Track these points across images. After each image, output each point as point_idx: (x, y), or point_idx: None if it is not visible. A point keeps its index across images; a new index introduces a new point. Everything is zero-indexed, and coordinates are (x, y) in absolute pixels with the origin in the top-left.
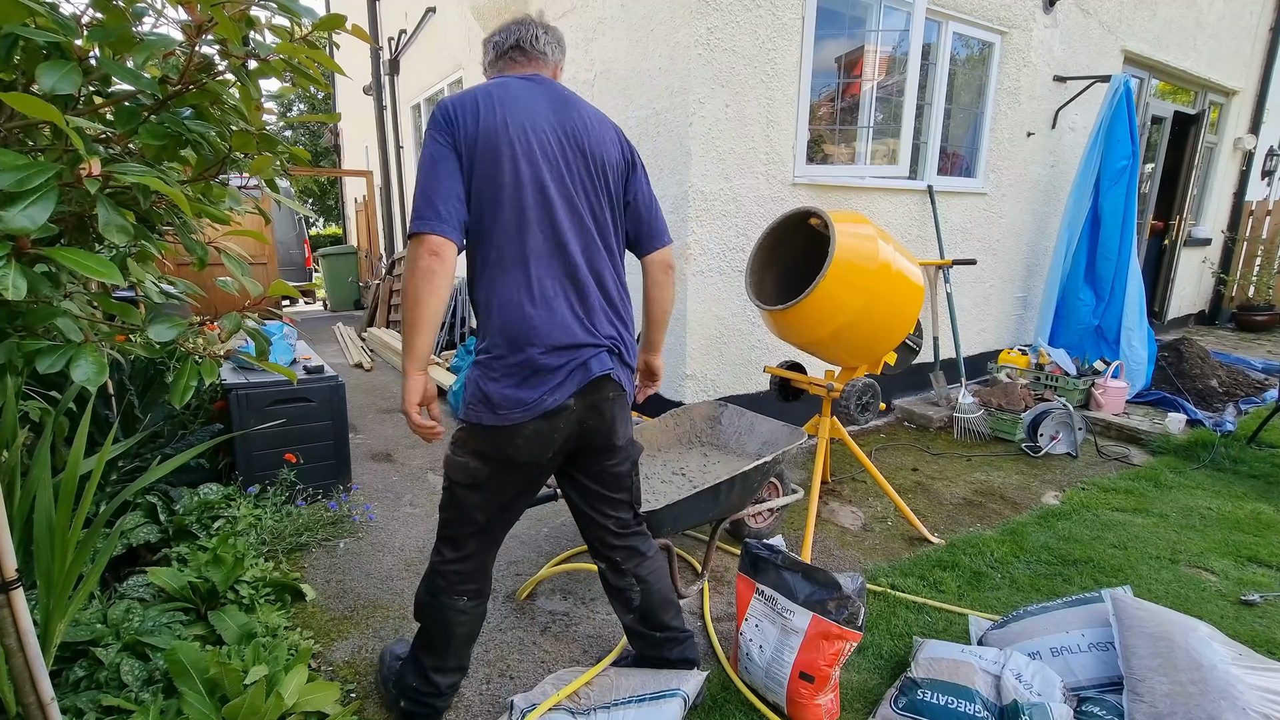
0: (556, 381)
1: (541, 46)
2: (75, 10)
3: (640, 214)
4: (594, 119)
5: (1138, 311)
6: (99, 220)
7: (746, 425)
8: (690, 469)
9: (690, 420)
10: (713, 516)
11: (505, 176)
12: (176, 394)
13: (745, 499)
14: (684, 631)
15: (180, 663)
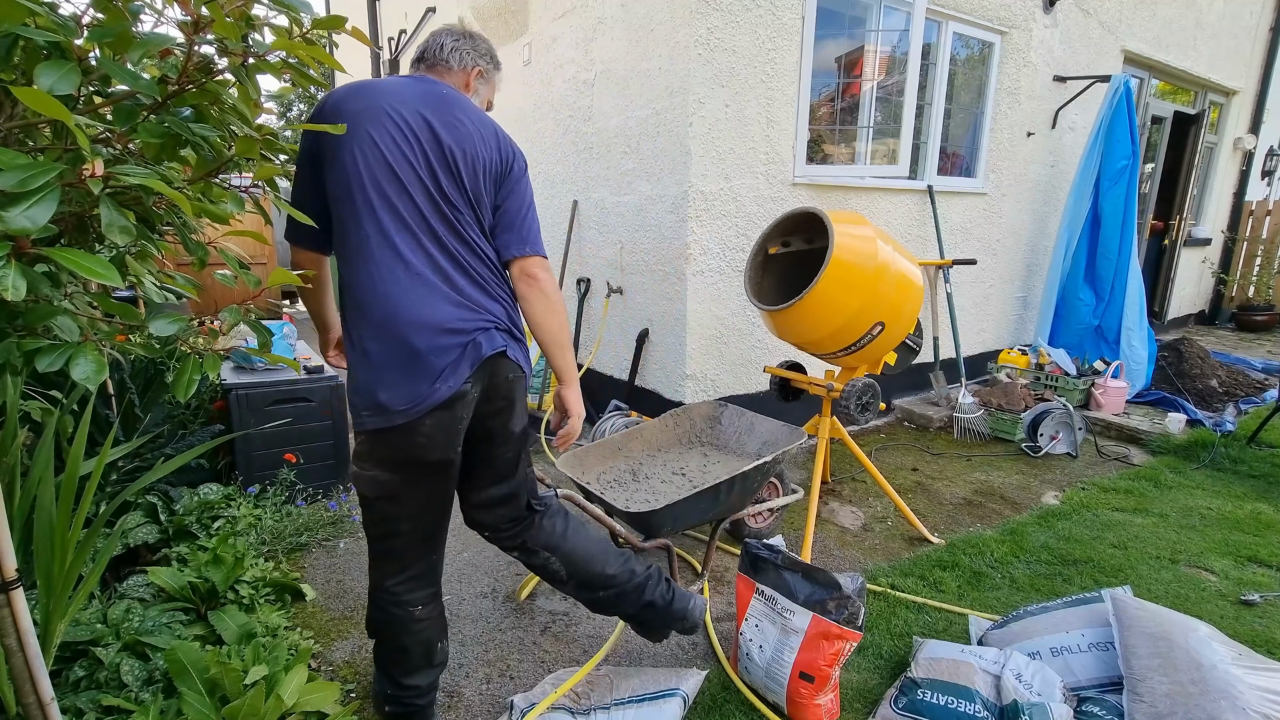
0: (445, 364)
1: (444, 55)
2: (75, 10)
3: (507, 219)
4: (471, 118)
5: (1138, 311)
6: (102, 221)
7: (746, 425)
8: (690, 469)
9: (690, 420)
10: (712, 517)
11: (346, 166)
12: (179, 388)
13: (745, 499)
14: (634, 576)
15: (180, 663)
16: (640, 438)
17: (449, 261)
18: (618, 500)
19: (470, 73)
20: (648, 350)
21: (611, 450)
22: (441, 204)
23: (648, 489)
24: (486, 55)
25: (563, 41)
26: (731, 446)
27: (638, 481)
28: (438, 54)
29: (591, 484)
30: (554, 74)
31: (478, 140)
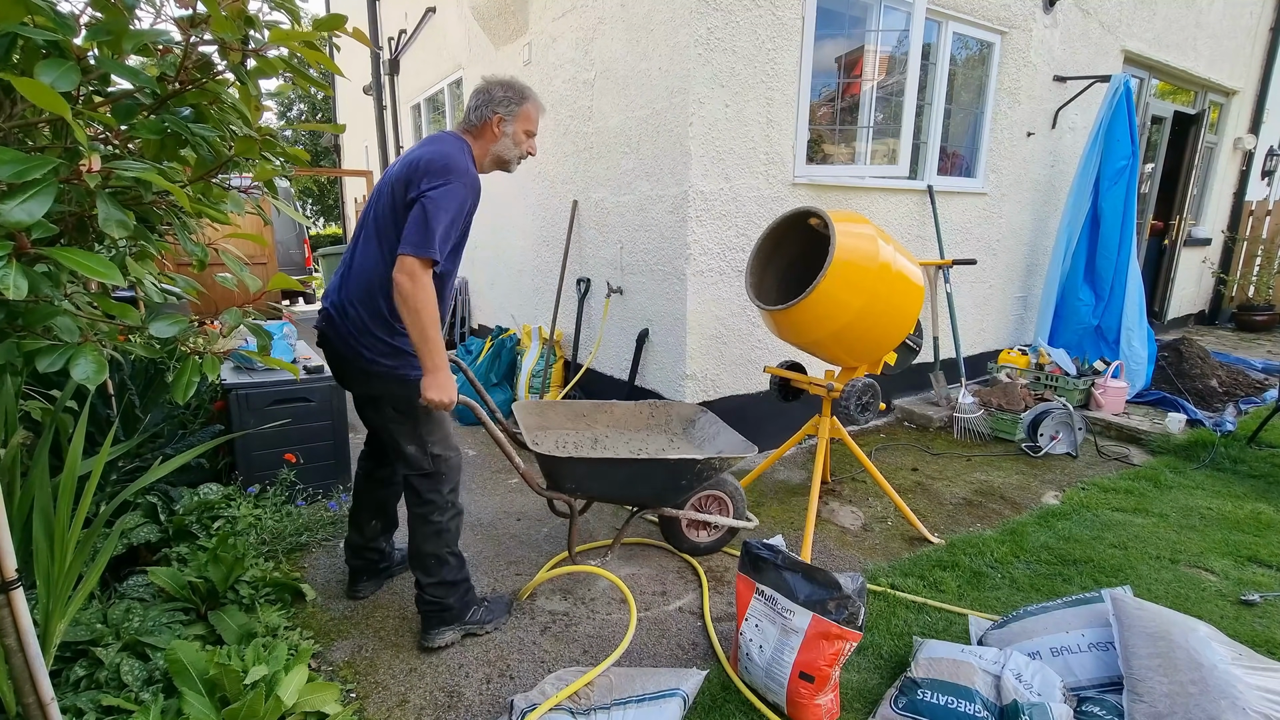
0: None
1: (471, 118)
2: (74, 9)
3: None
4: (407, 155)
5: (1137, 311)
6: (99, 216)
7: (713, 432)
8: (647, 449)
9: (668, 414)
10: (629, 498)
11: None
12: (179, 390)
13: (669, 494)
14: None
15: (180, 662)
16: (610, 413)
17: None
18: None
19: (491, 123)
20: (648, 350)
21: (576, 415)
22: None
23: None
24: (502, 100)
25: (563, 41)
26: (695, 447)
27: (594, 448)
28: (468, 118)
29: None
30: (554, 74)
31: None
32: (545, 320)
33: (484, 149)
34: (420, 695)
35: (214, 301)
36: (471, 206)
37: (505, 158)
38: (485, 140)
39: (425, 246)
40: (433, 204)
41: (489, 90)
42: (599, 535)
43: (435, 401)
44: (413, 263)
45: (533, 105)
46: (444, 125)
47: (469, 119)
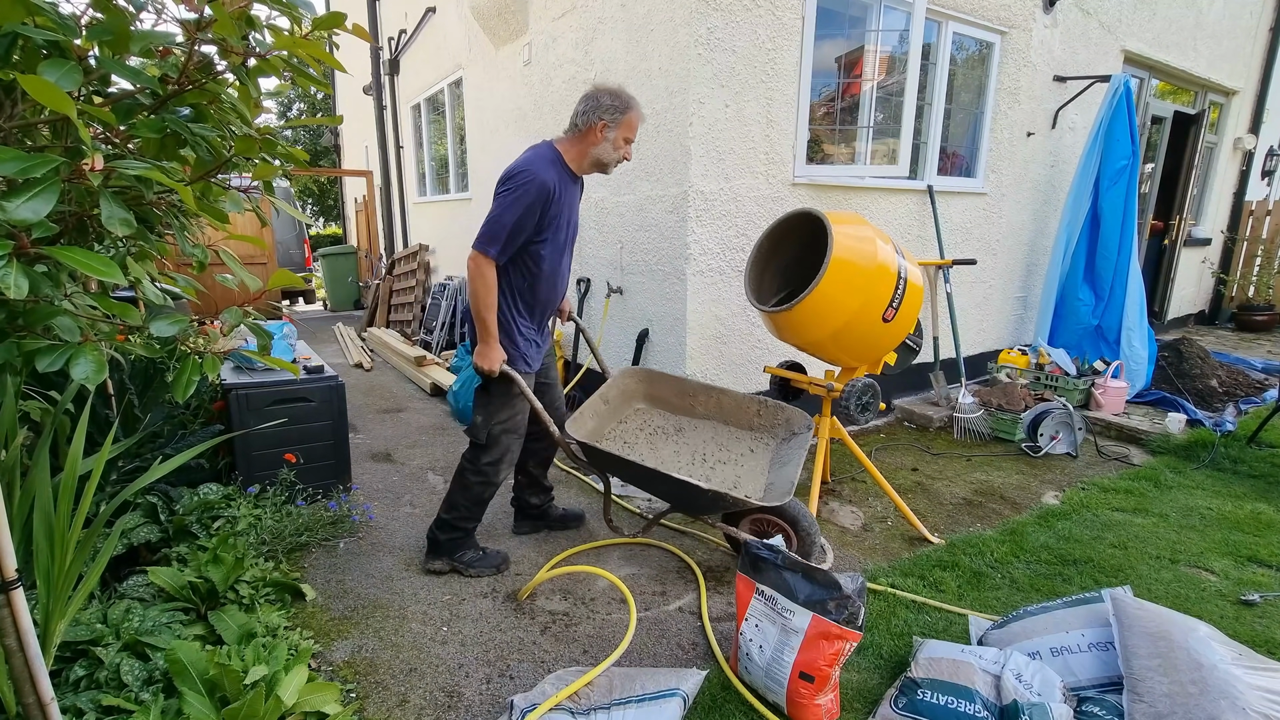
0: None
1: (577, 122)
2: (74, 10)
3: None
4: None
5: (1138, 311)
6: (102, 214)
7: (786, 457)
8: (729, 449)
9: (776, 418)
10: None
11: None
12: (179, 389)
13: (686, 503)
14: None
15: (180, 662)
16: (717, 401)
17: None
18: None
19: (596, 128)
20: (648, 350)
21: (683, 393)
22: None
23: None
24: (609, 108)
25: (563, 41)
26: (775, 462)
27: (676, 435)
28: (573, 121)
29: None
30: (554, 74)
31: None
32: None
33: (584, 151)
34: (420, 695)
35: (214, 302)
36: (537, 204)
37: (604, 160)
38: (587, 143)
39: (482, 242)
40: (496, 207)
41: (597, 97)
42: (599, 535)
43: (479, 367)
44: (475, 255)
45: (635, 114)
46: (444, 125)
47: (574, 122)
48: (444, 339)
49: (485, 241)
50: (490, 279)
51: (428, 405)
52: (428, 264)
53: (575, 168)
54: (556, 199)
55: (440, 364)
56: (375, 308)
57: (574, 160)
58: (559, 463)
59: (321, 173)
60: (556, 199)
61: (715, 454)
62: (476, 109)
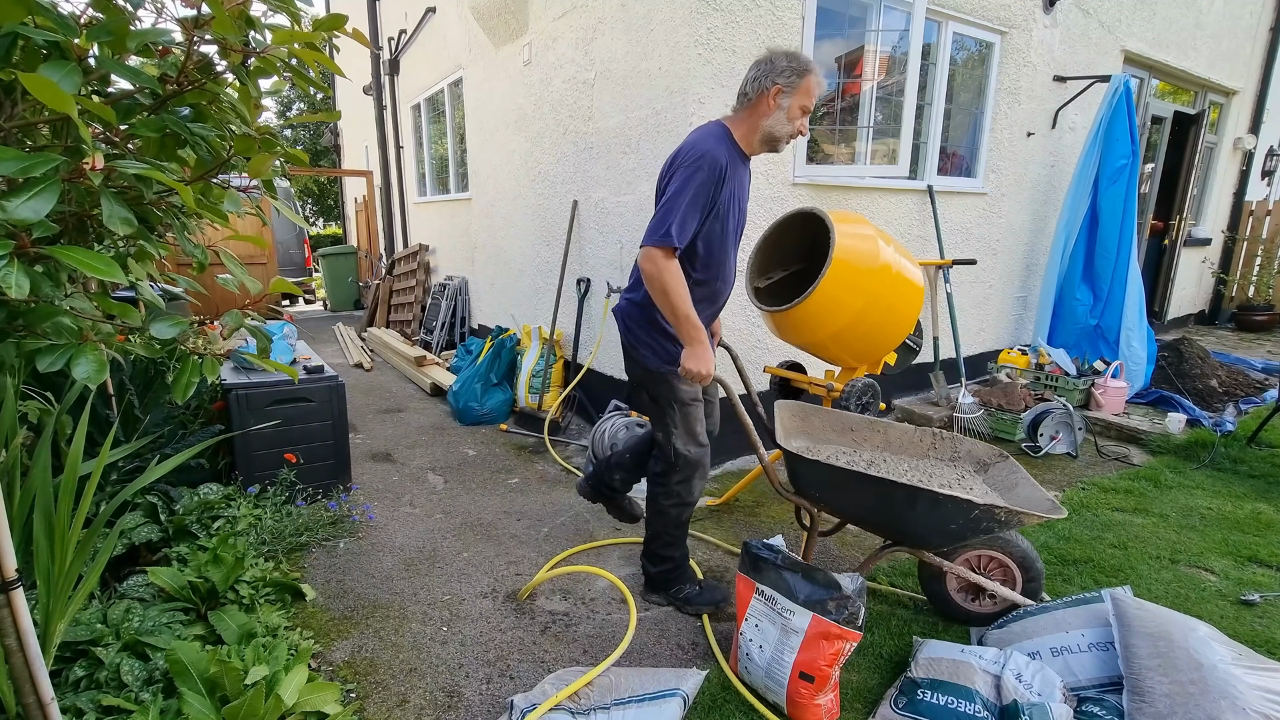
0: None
1: (745, 89)
2: (74, 10)
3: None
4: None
5: (1137, 311)
6: (103, 213)
7: (1012, 481)
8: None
9: (955, 448)
10: (879, 525)
11: None
12: (178, 390)
13: (928, 533)
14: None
15: (180, 662)
16: (884, 434)
17: None
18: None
19: (769, 94)
20: None
21: (844, 428)
22: None
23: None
24: (785, 71)
25: (563, 41)
26: (997, 488)
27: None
28: (743, 90)
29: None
30: (554, 74)
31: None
32: (545, 320)
33: (754, 125)
34: (420, 695)
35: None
36: (709, 183)
37: (776, 134)
38: (758, 114)
39: (657, 233)
40: (669, 193)
41: (771, 60)
42: (598, 535)
43: (691, 372)
44: (652, 250)
45: (814, 79)
46: (444, 126)
47: (743, 91)
48: (444, 339)
49: (661, 233)
50: (676, 271)
51: (428, 405)
52: (428, 264)
53: (745, 146)
54: (728, 178)
55: (440, 364)
56: (375, 308)
57: (744, 137)
58: (559, 459)
59: (321, 173)
60: (728, 178)
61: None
62: (476, 109)
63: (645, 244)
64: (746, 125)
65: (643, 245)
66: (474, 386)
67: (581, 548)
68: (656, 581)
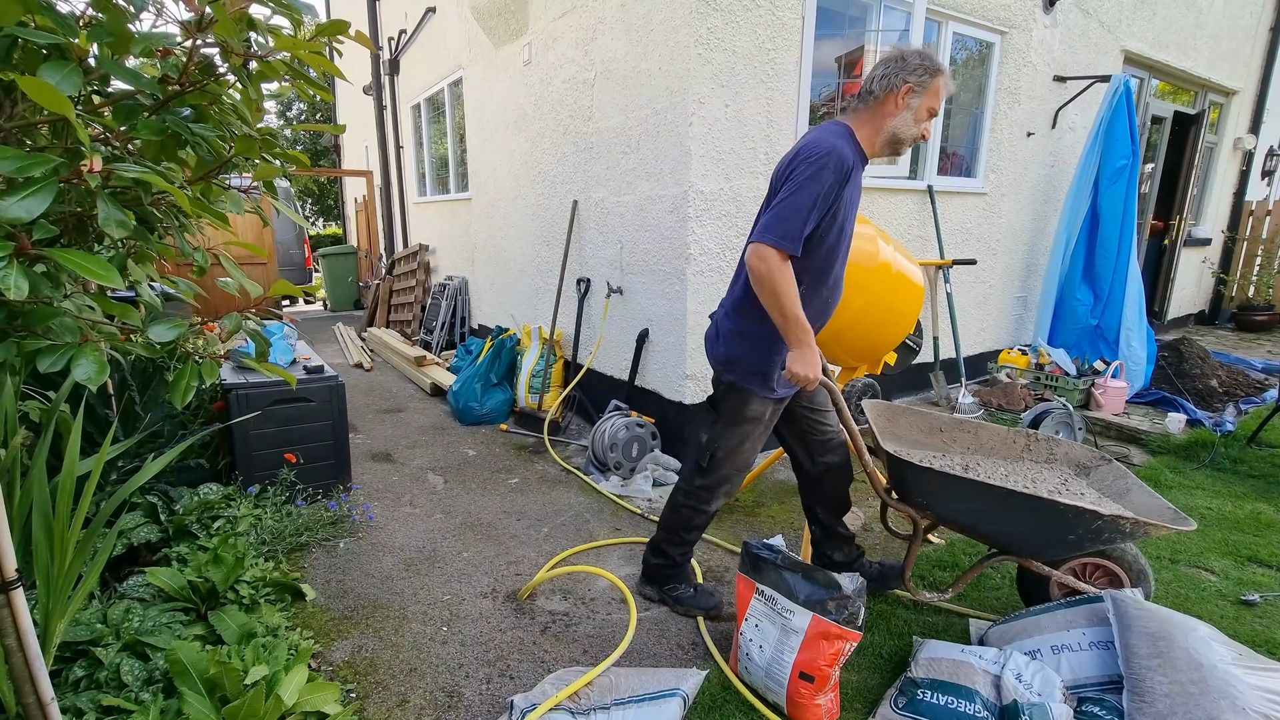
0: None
1: (871, 88)
2: (74, 10)
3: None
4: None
5: (1137, 311)
6: (99, 216)
7: (1122, 486)
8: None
9: (1052, 450)
10: (989, 534)
11: None
12: (177, 394)
13: (1043, 544)
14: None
15: (180, 662)
16: (974, 434)
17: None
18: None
19: (898, 93)
20: (648, 350)
21: (932, 428)
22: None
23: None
24: (917, 69)
25: (563, 41)
26: (1106, 494)
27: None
28: (867, 88)
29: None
30: (554, 74)
31: (781, 162)
32: (545, 320)
33: (879, 125)
34: (420, 695)
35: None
36: (835, 183)
37: (901, 136)
38: (883, 114)
39: (773, 233)
40: (786, 191)
41: (904, 57)
42: (599, 535)
43: (797, 375)
44: (766, 249)
45: (944, 80)
46: (444, 126)
47: (868, 89)
48: (444, 339)
49: (777, 233)
50: (789, 272)
51: (428, 405)
52: (428, 264)
53: (867, 147)
54: (851, 179)
55: (440, 364)
56: (375, 308)
57: (867, 138)
58: (559, 459)
59: (321, 173)
60: (851, 179)
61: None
62: (476, 109)
63: (758, 240)
64: (871, 125)
65: (754, 241)
66: (474, 386)
67: (582, 548)
68: (653, 574)
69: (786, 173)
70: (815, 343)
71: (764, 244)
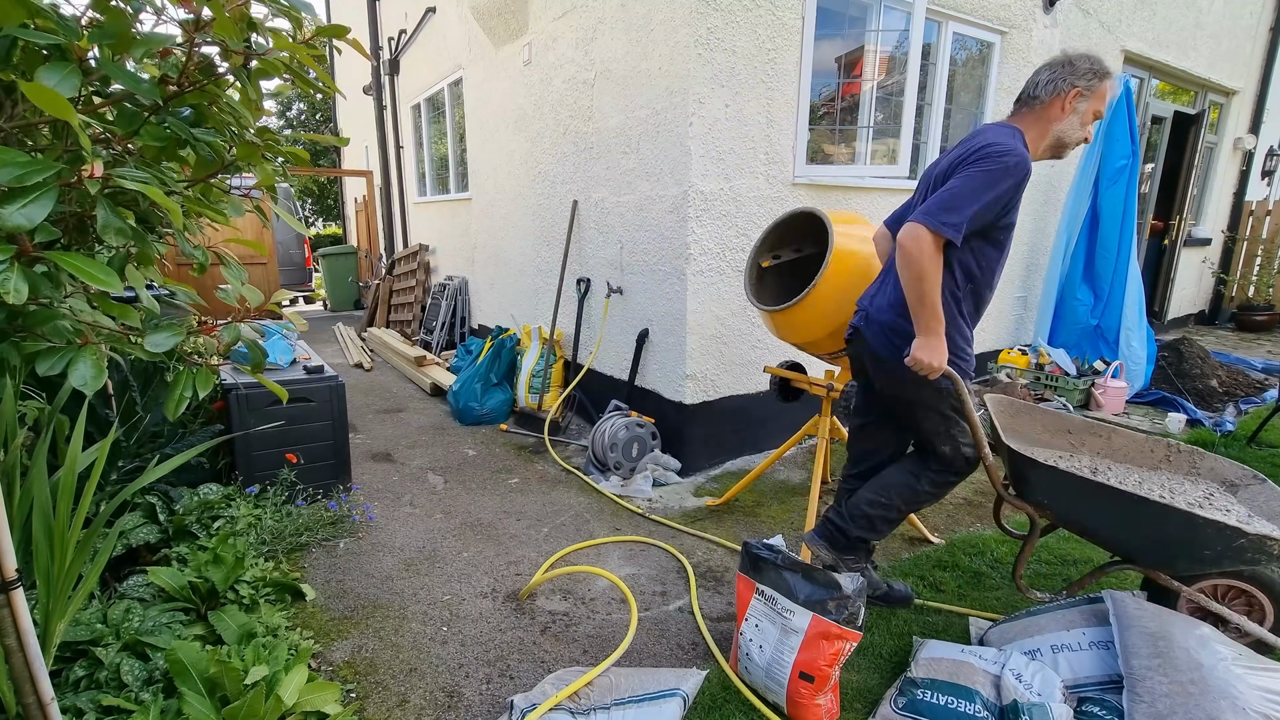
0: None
1: (1036, 92)
2: (75, 10)
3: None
4: (964, 140)
5: (1137, 311)
6: (98, 222)
7: (1274, 509)
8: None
9: (1194, 462)
10: (1113, 541)
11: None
12: (170, 407)
13: (1173, 557)
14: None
15: (180, 662)
16: (1106, 439)
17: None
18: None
19: (1065, 97)
20: (648, 350)
21: (1058, 429)
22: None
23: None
24: (1086, 73)
25: (563, 41)
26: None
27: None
28: (1030, 93)
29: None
30: (554, 74)
31: (943, 161)
32: (545, 320)
33: (1044, 129)
34: (420, 695)
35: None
36: (1013, 189)
37: (1065, 140)
38: (1048, 119)
39: (937, 216)
40: (961, 181)
41: (1071, 61)
42: (599, 536)
43: (921, 362)
44: (924, 231)
45: (1110, 85)
46: (444, 126)
47: (1033, 93)
48: (444, 339)
49: (939, 218)
50: (939, 261)
51: (428, 405)
52: (428, 264)
53: (1032, 151)
54: (1026, 186)
55: (440, 364)
56: (375, 308)
57: (1033, 141)
58: (559, 459)
59: (321, 173)
60: (1026, 186)
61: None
62: (476, 109)
63: (918, 220)
64: (1037, 129)
65: (913, 220)
66: (474, 386)
67: (581, 545)
68: (842, 544)
69: (960, 163)
70: (944, 333)
71: (924, 225)
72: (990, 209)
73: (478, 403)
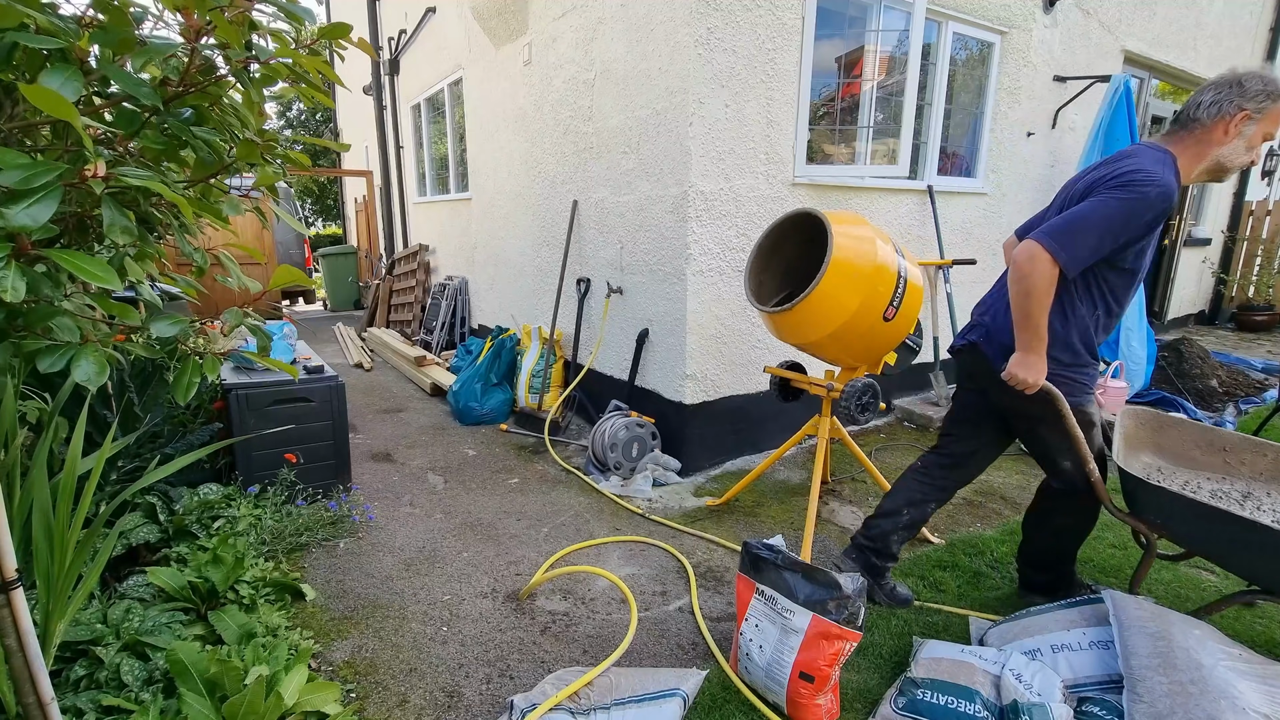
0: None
1: (1197, 114)
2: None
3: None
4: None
5: (1137, 311)
6: (104, 221)
7: None
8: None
9: None
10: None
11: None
12: (179, 391)
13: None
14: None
15: (180, 662)
16: (1271, 458)
17: None
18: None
19: (1230, 120)
20: (648, 350)
21: (1210, 444)
22: None
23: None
24: (1258, 95)
25: (563, 41)
26: None
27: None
28: (1189, 114)
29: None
30: (554, 74)
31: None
32: (545, 320)
33: (1203, 153)
34: (420, 695)
35: (215, 301)
36: (1151, 220)
37: (1228, 165)
38: (1210, 142)
39: (1058, 240)
40: (1092, 205)
41: (1242, 82)
42: (599, 536)
43: (1017, 378)
44: (1042, 253)
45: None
46: (444, 126)
47: (1194, 115)
48: (444, 339)
49: (1060, 243)
50: (1052, 286)
51: (428, 405)
52: (428, 264)
53: (1184, 174)
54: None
55: (440, 364)
56: (375, 308)
57: (1187, 165)
58: (559, 459)
59: (321, 173)
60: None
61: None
62: (476, 109)
63: (1039, 240)
64: (1195, 152)
65: (1034, 238)
66: (474, 386)
67: (581, 545)
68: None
69: (1099, 185)
70: (1044, 352)
71: (1043, 247)
72: (1118, 240)
73: (478, 403)
